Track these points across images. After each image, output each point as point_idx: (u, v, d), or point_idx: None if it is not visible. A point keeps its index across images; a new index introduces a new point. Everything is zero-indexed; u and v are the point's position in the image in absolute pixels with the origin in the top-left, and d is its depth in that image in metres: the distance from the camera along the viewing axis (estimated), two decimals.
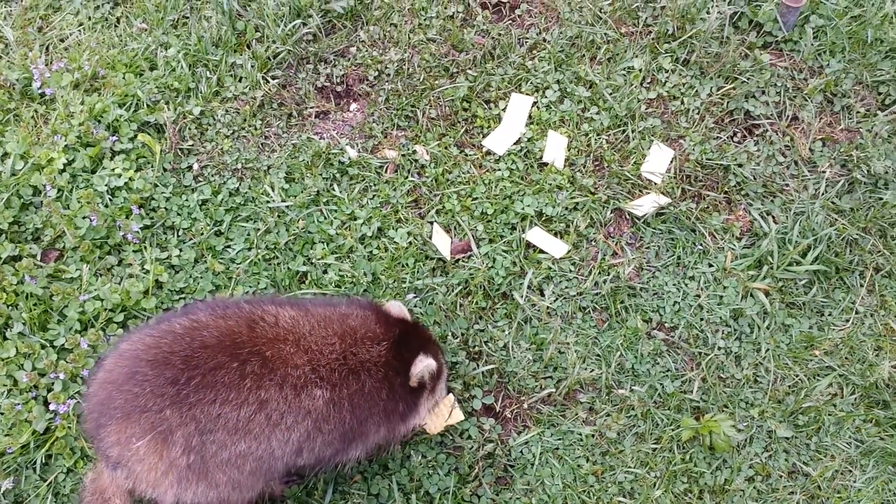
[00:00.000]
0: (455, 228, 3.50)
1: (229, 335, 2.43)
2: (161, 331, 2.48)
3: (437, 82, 3.77)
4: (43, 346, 3.09)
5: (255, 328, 2.47)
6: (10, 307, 3.12)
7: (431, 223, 3.48)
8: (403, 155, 3.63)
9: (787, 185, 3.63)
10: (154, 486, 2.46)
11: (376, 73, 3.80)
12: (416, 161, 3.63)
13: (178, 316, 2.55)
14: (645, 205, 3.51)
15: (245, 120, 3.64)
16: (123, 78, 3.62)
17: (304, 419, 2.50)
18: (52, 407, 2.99)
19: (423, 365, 2.71)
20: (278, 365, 2.44)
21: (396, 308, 2.83)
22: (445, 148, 3.65)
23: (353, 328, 2.62)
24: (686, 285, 3.43)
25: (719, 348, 3.32)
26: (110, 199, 3.36)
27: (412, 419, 2.86)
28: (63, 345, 3.08)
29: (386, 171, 3.60)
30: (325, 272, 3.34)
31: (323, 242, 3.40)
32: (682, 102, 3.79)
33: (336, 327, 2.60)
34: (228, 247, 3.37)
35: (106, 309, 3.13)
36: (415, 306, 3.29)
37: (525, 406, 3.19)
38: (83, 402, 2.60)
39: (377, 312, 2.75)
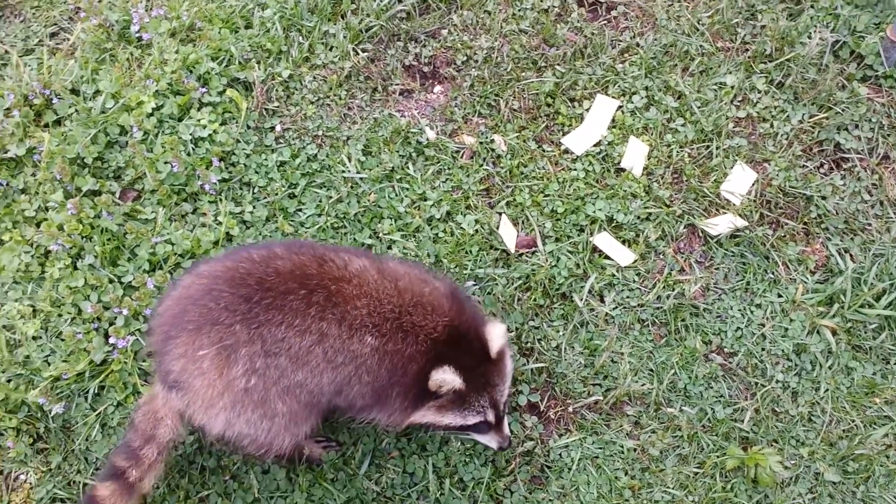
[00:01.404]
0: (523, 222, 3.48)
1: (300, 267, 2.49)
2: (240, 256, 2.56)
3: (523, 74, 3.75)
4: (111, 281, 3.17)
5: (324, 265, 2.51)
6: (85, 239, 3.22)
7: (500, 214, 3.47)
8: (481, 142, 3.62)
9: (870, 224, 3.51)
10: (207, 407, 2.49)
11: (464, 57, 3.80)
12: (492, 150, 3.61)
13: (256, 248, 2.62)
14: (721, 224, 3.43)
15: (331, 89, 3.67)
16: (219, 32, 3.69)
17: (350, 362, 2.51)
18: (111, 340, 3.07)
19: (446, 378, 2.53)
20: (340, 301, 2.47)
21: (497, 329, 2.63)
22: (524, 141, 3.63)
23: (421, 292, 2.59)
24: (752, 312, 3.35)
25: (777, 381, 3.24)
26: (193, 149, 3.42)
27: (409, 412, 2.67)
28: (130, 282, 3.16)
29: (462, 157, 3.60)
30: (389, 248, 3.36)
31: (391, 218, 3.41)
32: (772, 125, 3.69)
33: (403, 284, 2.58)
34: (300, 210, 3.40)
35: (175, 253, 3.20)
36: (473, 293, 3.29)
37: (570, 410, 3.16)
38: (153, 318, 2.66)
39: (456, 298, 2.66)
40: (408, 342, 2.55)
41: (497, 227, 3.43)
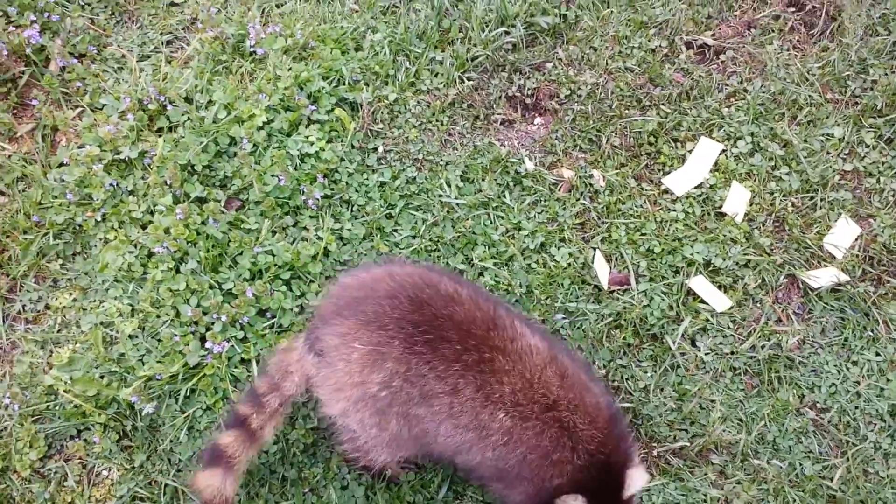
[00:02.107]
0: (616, 259, 3.46)
1: (470, 322, 2.49)
2: (429, 279, 2.57)
3: (627, 112, 3.74)
4: (211, 287, 3.25)
5: (491, 332, 2.49)
6: (190, 244, 3.31)
7: (594, 249, 3.45)
8: (580, 176, 3.61)
9: None
10: (335, 389, 2.56)
11: (568, 91, 3.81)
12: (590, 185, 3.61)
13: (452, 277, 2.65)
14: (823, 277, 3.36)
15: (434, 114, 3.72)
16: (330, 53, 3.78)
17: (474, 429, 2.49)
18: (207, 345, 3.13)
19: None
20: (486, 370, 2.45)
21: (641, 475, 2.54)
22: (623, 178, 3.62)
23: (581, 398, 2.50)
24: (848, 369, 3.26)
25: (870, 441, 3.14)
26: (299, 164, 3.51)
27: None
28: (230, 289, 3.23)
29: (559, 189, 3.60)
30: (481, 274, 3.38)
31: (485, 246, 3.43)
32: (879, 181, 3.61)
33: (569, 381, 2.51)
34: (396, 231, 3.45)
35: (276, 265, 3.26)
36: (562, 328, 3.28)
37: (654, 453, 3.11)
38: (335, 284, 2.73)
39: (619, 423, 2.58)
40: (561, 443, 2.47)
41: (591, 262, 3.41)
